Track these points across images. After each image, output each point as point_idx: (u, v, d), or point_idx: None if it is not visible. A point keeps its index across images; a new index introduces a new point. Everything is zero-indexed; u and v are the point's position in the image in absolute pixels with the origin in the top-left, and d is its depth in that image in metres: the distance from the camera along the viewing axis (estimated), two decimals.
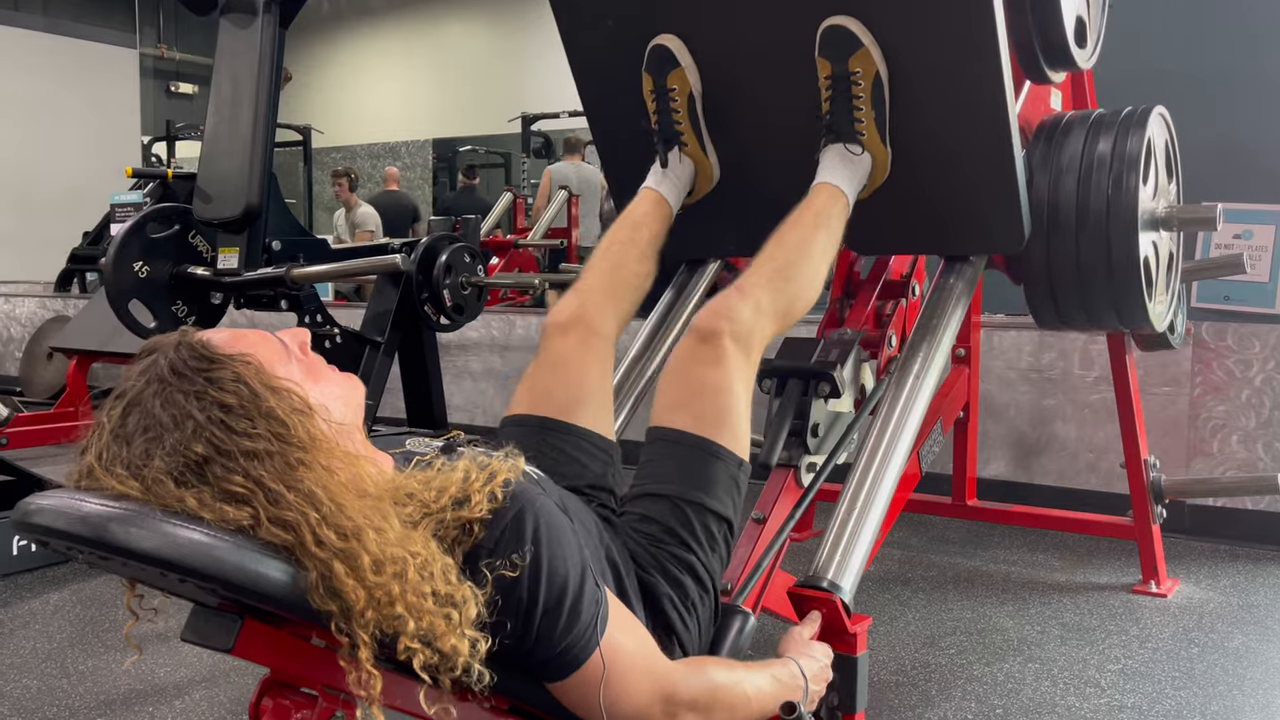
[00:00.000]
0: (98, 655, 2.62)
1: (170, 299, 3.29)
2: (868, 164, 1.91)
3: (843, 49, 1.88)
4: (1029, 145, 2.27)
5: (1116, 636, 2.69)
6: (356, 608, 1.05)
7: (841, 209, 1.85)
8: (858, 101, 1.88)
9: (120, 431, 1.10)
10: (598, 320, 1.71)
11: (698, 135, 2.07)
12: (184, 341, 1.14)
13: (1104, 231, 2.16)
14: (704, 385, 1.53)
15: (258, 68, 3.15)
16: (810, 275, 1.74)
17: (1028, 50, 2.22)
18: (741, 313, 1.59)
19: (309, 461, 1.09)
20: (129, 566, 1.07)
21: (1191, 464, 3.61)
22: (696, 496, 1.45)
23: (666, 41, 2.03)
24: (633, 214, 1.97)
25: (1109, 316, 2.29)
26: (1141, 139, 2.20)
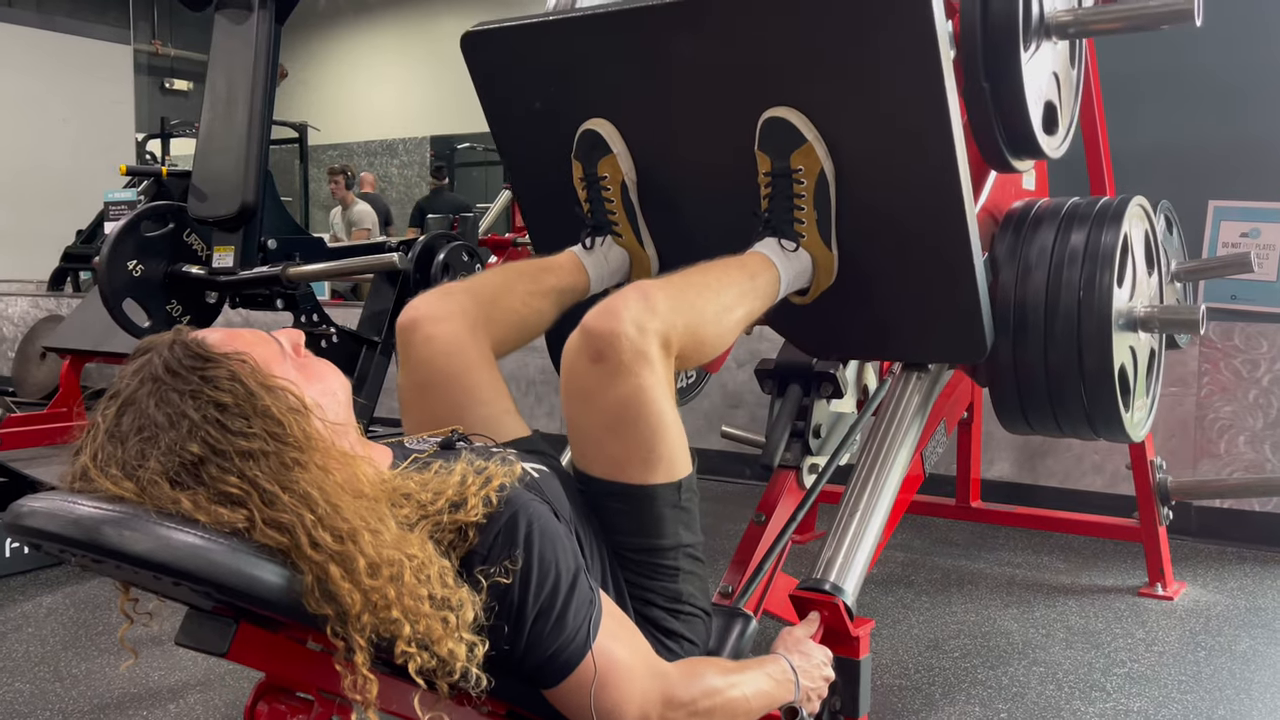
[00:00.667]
0: (91, 659, 2.61)
1: (165, 298, 3.29)
2: (805, 261, 1.77)
3: (784, 144, 1.73)
4: (997, 234, 2.13)
5: (1122, 640, 2.69)
6: (353, 611, 1.04)
7: (770, 279, 1.70)
8: (799, 200, 1.74)
9: (115, 431, 1.10)
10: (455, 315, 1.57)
11: (633, 225, 1.91)
12: (179, 340, 1.14)
13: (1075, 335, 2.00)
14: (615, 416, 1.35)
15: (253, 64, 3.15)
16: (723, 308, 1.55)
17: (990, 141, 1.98)
18: (637, 306, 1.36)
19: (305, 461, 1.09)
20: (122, 569, 1.07)
21: (1198, 465, 3.61)
22: (649, 544, 1.39)
23: (597, 126, 1.88)
24: (545, 260, 1.84)
25: (1082, 427, 2.13)
26: (1117, 234, 2.03)
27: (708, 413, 4.28)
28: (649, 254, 1.94)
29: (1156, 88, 3.97)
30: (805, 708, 1.43)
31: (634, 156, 1.90)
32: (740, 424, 3.74)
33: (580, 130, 1.91)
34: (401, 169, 12.31)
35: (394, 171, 12.34)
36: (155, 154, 10.27)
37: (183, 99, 12.23)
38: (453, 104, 11.75)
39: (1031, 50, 1.94)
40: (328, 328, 3.26)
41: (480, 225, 7.34)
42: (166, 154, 10.31)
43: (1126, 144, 3.35)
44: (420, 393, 1.55)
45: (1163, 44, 4.19)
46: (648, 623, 1.37)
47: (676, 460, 1.39)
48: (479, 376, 1.56)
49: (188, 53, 12.09)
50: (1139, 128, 3.92)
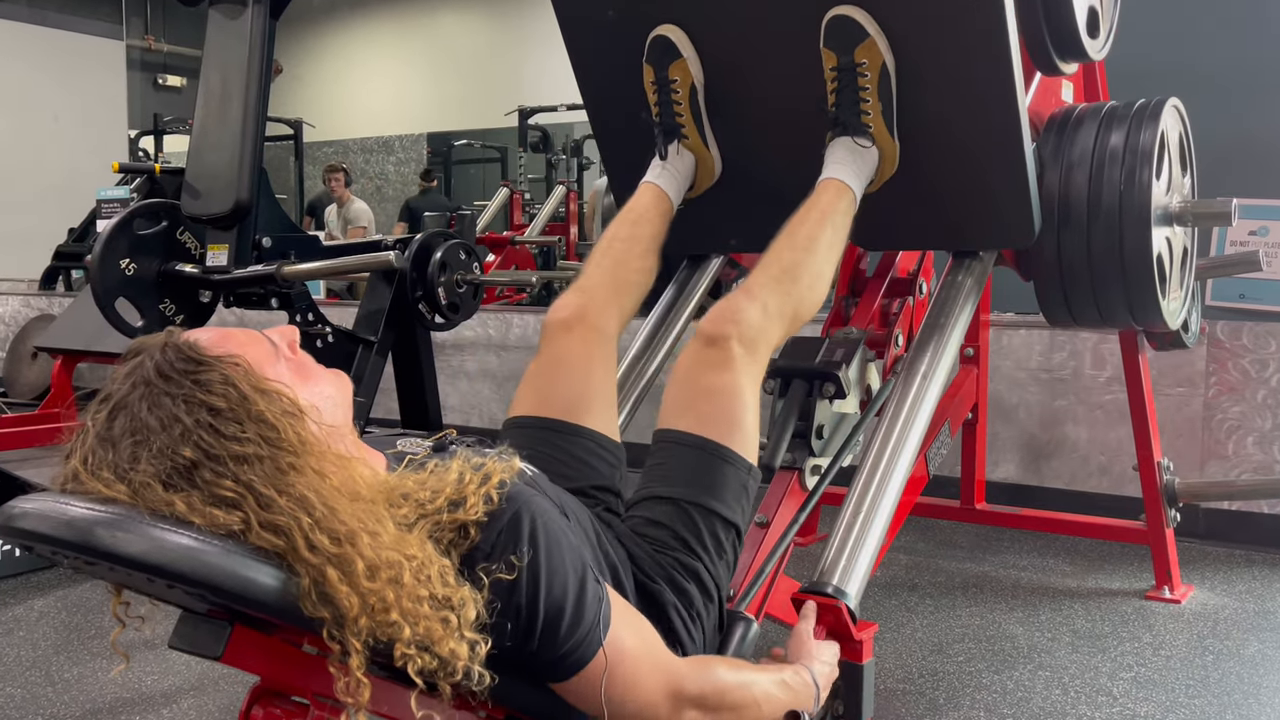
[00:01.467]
0: (83, 663, 2.61)
1: (158, 297, 3.28)
2: (875, 158, 1.92)
3: (848, 39, 1.88)
4: (1039, 138, 2.27)
5: (1129, 644, 2.69)
6: (350, 615, 1.05)
7: (848, 205, 1.86)
8: (864, 93, 1.89)
9: (106, 435, 1.10)
10: (600, 318, 1.71)
11: (699, 128, 2.07)
12: (171, 343, 1.14)
13: (1116, 227, 2.17)
14: (712, 389, 1.54)
15: (248, 60, 3.15)
16: (817, 274, 1.75)
17: (1038, 41, 2.23)
18: (749, 316, 1.60)
19: (300, 466, 1.09)
20: (115, 572, 1.07)
21: (1206, 466, 3.61)
22: (705, 501, 1.45)
23: (668, 32, 2.04)
24: (633, 210, 1.97)
25: (1122, 314, 2.29)
26: (1155, 132, 2.20)
27: None
28: (713, 154, 2.10)
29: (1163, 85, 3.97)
30: (815, 709, 1.44)
31: (703, 61, 2.05)
32: None
33: (651, 36, 2.05)
34: (398, 166, 12.30)
35: (390, 169, 12.33)
36: (148, 151, 10.28)
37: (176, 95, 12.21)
38: (450, 100, 11.75)
39: None
40: (323, 327, 3.26)
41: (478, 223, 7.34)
42: (159, 151, 10.32)
43: None
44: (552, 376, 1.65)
45: (1170, 41, 4.19)
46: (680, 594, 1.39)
47: (749, 445, 1.54)
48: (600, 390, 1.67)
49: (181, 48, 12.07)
50: None
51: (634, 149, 2.15)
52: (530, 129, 8.98)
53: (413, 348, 3.44)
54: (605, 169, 2.42)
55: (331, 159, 10.46)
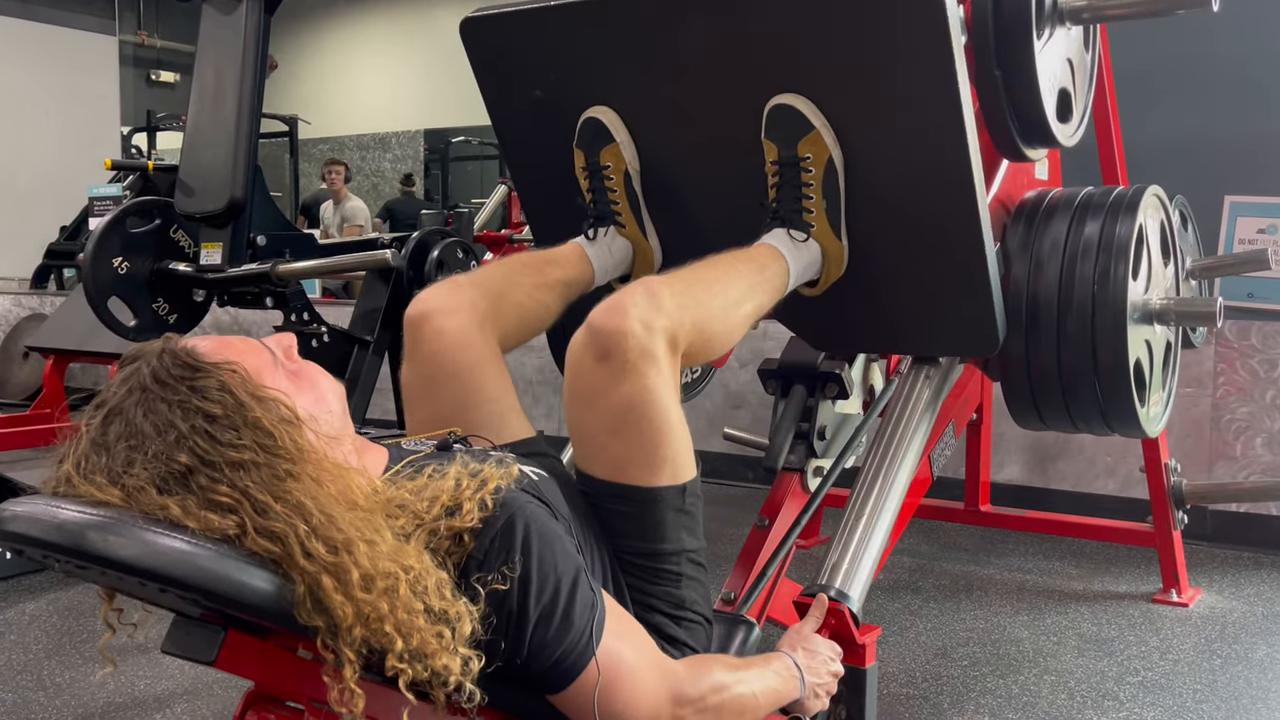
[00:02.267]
0: (75, 667, 2.61)
1: (151, 296, 3.29)
2: (815, 251, 1.77)
3: (791, 131, 1.73)
4: (1008, 227, 2.13)
5: (1136, 648, 2.69)
6: (344, 624, 1.04)
7: (779, 271, 1.69)
8: (807, 189, 1.74)
9: (101, 440, 1.10)
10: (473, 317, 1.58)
11: (636, 216, 1.92)
12: (168, 349, 1.14)
13: (1089, 332, 2.00)
14: (619, 416, 1.34)
15: (242, 56, 3.15)
16: (731, 301, 1.55)
17: (1001, 128, 1.98)
18: (644, 304, 1.36)
19: (297, 473, 1.09)
20: (107, 576, 1.07)
21: (1214, 468, 3.61)
22: (651, 548, 1.39)
23: (599, 114, 1.89)
24: (549, 252, 1.83)
25: (1097, 423, 2.14)
26: (1131, 225, 2.03)
27: (710, 414, 4.28)
28: (653, 245, 1.95)
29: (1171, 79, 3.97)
30: (813, 704, 1.44)
31: (638, 145, 1.91)
32: (743, 425, 3.74)
33: (582, 118, 1.91)
34: (394, 163, 12.30)
35: (386, 166, 12.33)
36: (141, 148, 10.27)
37: (169, 91, 12.22)
38: (447, 96, 11.74)
39: (1045, 36, 1.95)
40: (319, 327, 3.26)
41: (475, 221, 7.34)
42: (153, 148, 10.31)
43: (1140, 137, 3.35)
44: (427, 386, 1.56)
45: (1178, 33, 4.19)
46: (650, 629, 1.37)
47: (681, 463, 1.39)
48: (486, 373, 1.56)
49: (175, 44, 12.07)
50: (1153, 121, 3.92)
51: (570, 233, 1.96)
52: None
53: None
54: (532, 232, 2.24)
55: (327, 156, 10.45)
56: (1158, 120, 3.99)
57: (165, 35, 12.15)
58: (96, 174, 6.37)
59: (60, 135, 9.71)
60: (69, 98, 9.93)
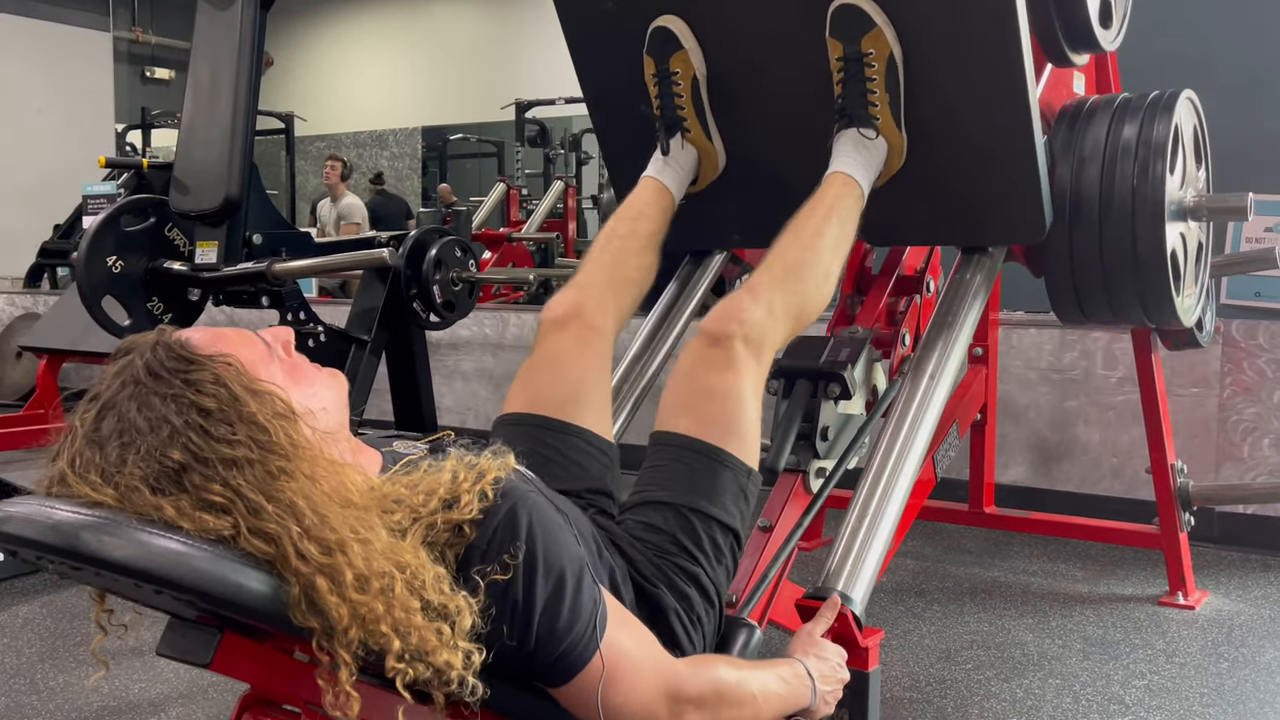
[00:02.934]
0: (69, 670, 2.62)
1: (145, 295, 3.28)
2: (883, 150, 1.92)
3: (855, 29, 1.88)
4: (1050, 131, 2.28)
5: (1142, 651, 2.69)
6: (340, 626, 1.05)
7: (855, 200, 1.85)
8: (871, 84, 1.89)
9: (94, 436, 1.10)
10: (597, 316, 1.71)
11: (702, 121, 2.07)
12: (162, 341, 1.14)
13: (1129, 222, 2.17)
14: (712, 390, 1.54)
15: (238, 52, 3.15)
16: (824, 272, 1.74)
17: (1049, 31, 2.22)
18: (753, 315, 1.59)
19: (291, 470, 1.09)
20: (102, 577, 1.07)
21: (1221, 469, 3.61)
22: (702, 505, 1.46)
23: (669, 23, 2.03)
24: (633, 205, 1.97)
25: (1135, 311, 2.30)
26: (1169, 125, 2.20)
27: None
28: (717, 148, 2.10)
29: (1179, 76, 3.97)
30: (821, 710, 1.44)
31: (705, 53, 2.04)
32: None
33: (652, 26, 2.04)
34: (392, 160, 12.31)
35: (384, 163, 12.33)
36: (135, 145, 10.28)
37: (164, 88, 12.22)
38: (445, 93, 11.76)
39: None
40: (315, 326, 3.26)
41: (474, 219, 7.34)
42: (147, 145, 10.32)
43: None
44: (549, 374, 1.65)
45: (1186, 31, 4.19)
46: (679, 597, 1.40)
47: (749, 448, 1.54)
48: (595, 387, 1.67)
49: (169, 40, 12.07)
50: None
51: (635, 141, 2.15)
52: (528, 123, 8.99)
53: (407, 347, 3.44)
54: (605, 164, 2.44)
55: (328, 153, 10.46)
56: None
57: (160, 31, 12.15)
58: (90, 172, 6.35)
59: (54, 133, 9.71)
60: (62, 95, 9.92)
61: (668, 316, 2.40)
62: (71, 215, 7.09)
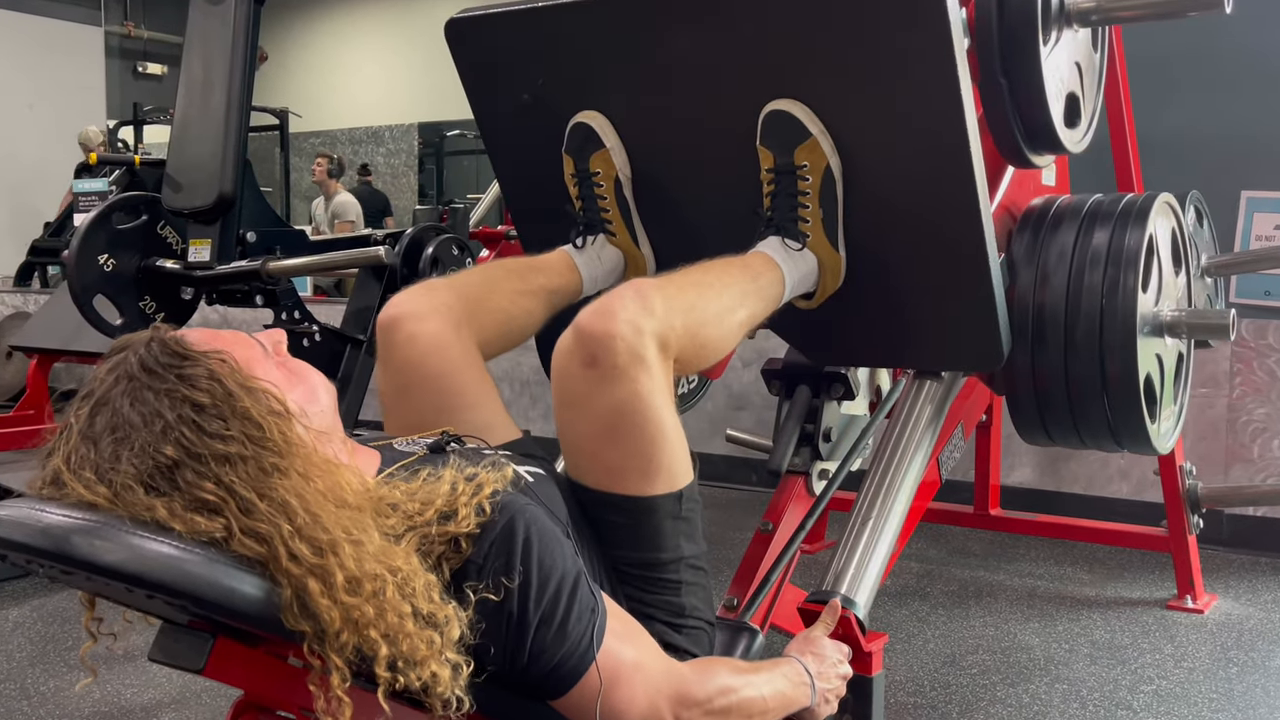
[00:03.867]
0: (60, 675, 2.62)
1: (138, 294, 3.29)
2: (811, 262, 1.75)
3: (788, 138, 1.72)
4: (1014, 235, 2.12)
5: (1150, 655, 2.70)
6: (331, 629, 1.05)
7: (773, 280, 1.68)
8: (804, 199, 1.72)
9: (88, 432, 1.10)
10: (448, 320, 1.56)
11: (628, 224, 1.91)
12: (156, 338, 1.15)
13: (1097, 346, 1.99)
14: (610, 423, 1.34)
15: (231, 47, 3.15)
16: (725, 309, 1.53)
17: (1006, 135, 1.97)
18: (633, 305, 1.35)
19: (284, 468, 1.09)
20: (93, 581, 1.07)
21: (1230, 471, 3.61)
22: (648, 558, 1.40)
23: (589, 119, 1.88)
24: (534, 259, 1.83)
25: (1105, 440, 2.13)
26: (1142, 235, 2.01)
27: (712, 415, 4.28)
28: (645, 254, 1.93)
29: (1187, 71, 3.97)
30: (822, 710, 1.45)
31: (629, 151, 1.89)
32: (746, 427, 3.74)
33: (571, 123, 1.89)
34: (388, 157, 12.30)
35: (380, 160, 12.32)
36: (127, 142, 10.27)
37: (157, 84, 12.21)
38: (442, 89, 11.70)
39: (1052, 40, 1.93)
40: (310, 325, 3.26)
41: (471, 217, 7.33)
42: (139, 142, 10.32)
43: (1155, 131, 3.35)
44: (402, 395, 1.55)
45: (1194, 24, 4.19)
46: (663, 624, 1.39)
47: (677, 469, 1.38)
48: (465, 378, 1.55)
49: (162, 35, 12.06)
50: (1168, 114, 3.91)
51: (558, 240, 1.94)
52: None
53: None
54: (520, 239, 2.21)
55: (319, 150, 10.46)
56: (1173, 113, 3.99)
57: (152, 26, 12.15)
58: None
59: (44, 129, 9.72)
60: (53, 90, 9.93)
61: None
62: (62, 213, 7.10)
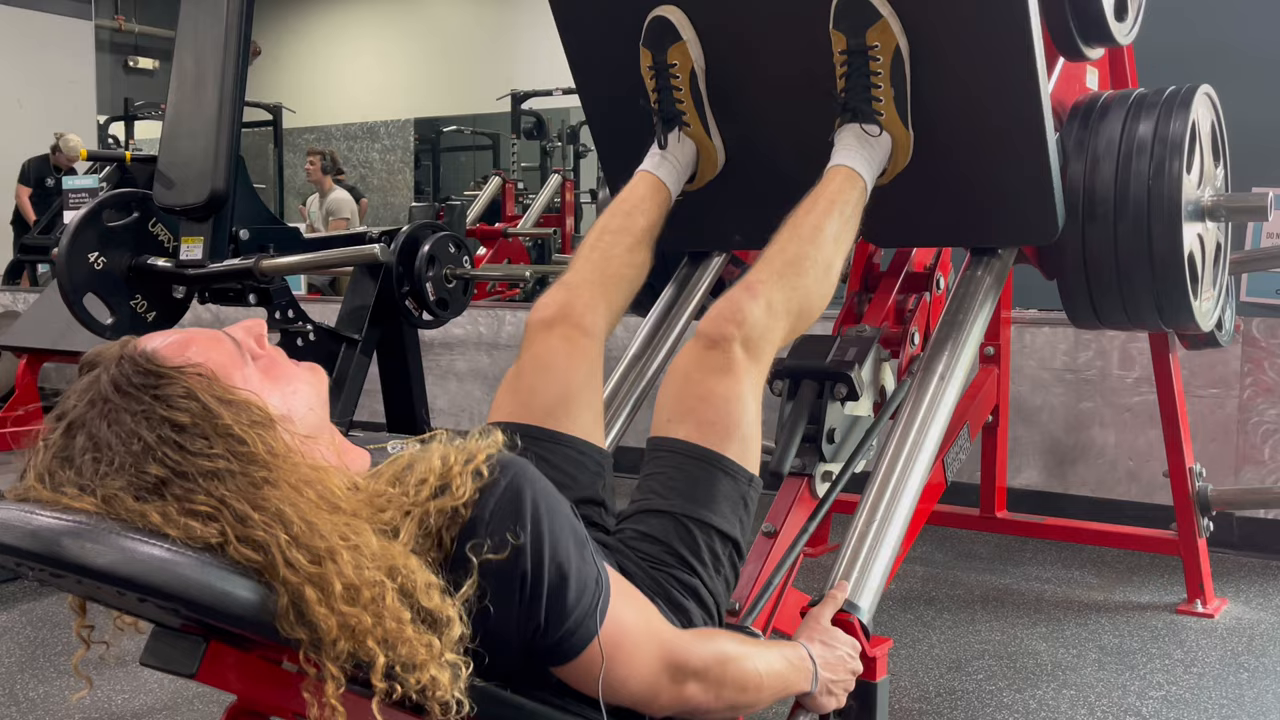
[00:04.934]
0: (50, 681, 2.62)
1: (129, 293, 3.28)
2: (887, 146, 1.91)
3: (859, 20, 1.86)
4: (1063, 127, 2.27)
5: (1159, 660, 2.70)
6: (328, 638, 1.04)
7: (859, 194, 1.84)
8: (875, 79, 1.87)
9: (64, 454, 1.09)
10: (586, 317, 1.70)
11: (701, 115, 2.05)
12: (126, 354, 1.12)
13: (1145, 223, 2.15)
14: (711, 393, 1.54)
15: (224, 41, 3.15)
16: (825, 266, 1.73)
17: (1061, 25, 2.21)
18: (752, 314, 1.59)
19: (274, 479, 1.08)
20: (84, 585, 1.07)
21: (1240, 472, 3.61)
22: (701, 514, 1.45)
23: (666, 13, 2.02)
24: (627, 200, 1.95)
25: (1150, 315, 2.29)
26: (1185, 121, 2.18)
27: None
28: (716, 144, 2.08)
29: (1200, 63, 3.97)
30: (826, 701, 1.45)
31: (703, 44, 2.03)
32: None
33: (650, 17, 2.03)
34: (384, 153, 12.30)
35: (375, 156, 12.33)
36: (118, 138, 10.28)
37: (148, 78, 12.22)
38: (438, 84, 11.75)
39: None
40: (304, 325, 3.26)
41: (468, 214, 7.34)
42: (130, 138, 10.32)
43: None
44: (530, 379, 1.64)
45: (1208, 16, 4.19)
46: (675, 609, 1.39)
47: (750, 453, 1.54)
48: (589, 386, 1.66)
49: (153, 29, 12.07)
50: None
51: (630, 136, 2.14)
52: (524, 114, 8.98)
53: (399, 346, 3.45)
54: (599, 160, 2.42)
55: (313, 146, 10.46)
56: None
57: (143, 20, 12.15)
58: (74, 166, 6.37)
59: (33, 124, 9.70)
60: (42, 85, 9.92)
61: (666, 319, 2.40)
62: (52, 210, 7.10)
